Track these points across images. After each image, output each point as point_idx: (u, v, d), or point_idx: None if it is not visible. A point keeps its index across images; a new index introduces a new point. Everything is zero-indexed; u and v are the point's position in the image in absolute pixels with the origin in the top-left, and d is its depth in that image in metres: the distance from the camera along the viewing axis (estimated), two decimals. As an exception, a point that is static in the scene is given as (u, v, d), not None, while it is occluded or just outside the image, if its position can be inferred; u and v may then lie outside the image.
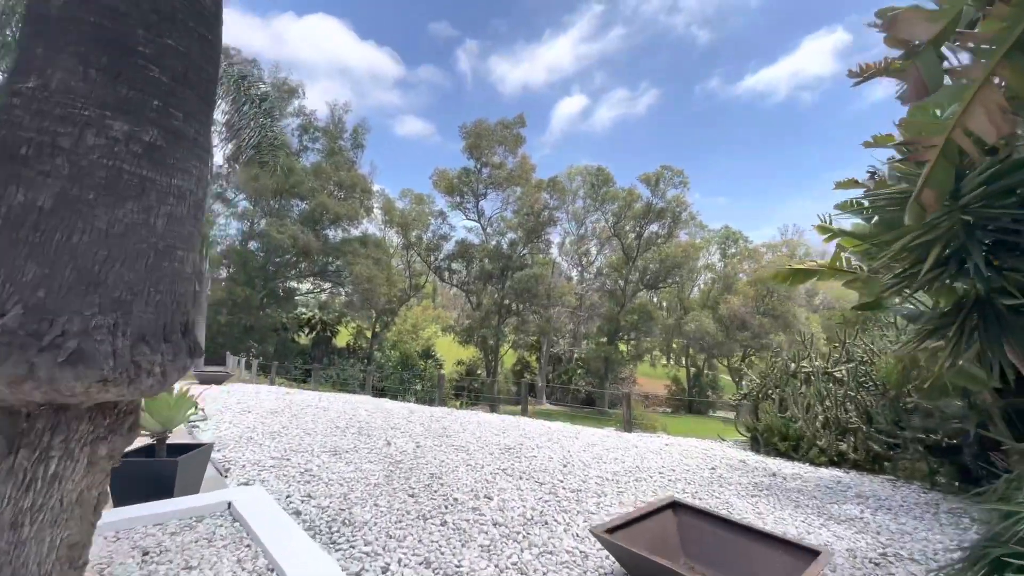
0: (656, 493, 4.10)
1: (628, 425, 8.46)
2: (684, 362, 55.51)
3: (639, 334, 45.66)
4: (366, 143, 39.97)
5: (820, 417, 6.57)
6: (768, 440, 6.98)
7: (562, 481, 4.23)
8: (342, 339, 44.06)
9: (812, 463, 6.24)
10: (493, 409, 38.67)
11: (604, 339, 45.98)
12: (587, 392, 46.80)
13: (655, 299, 53.56)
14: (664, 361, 61.27)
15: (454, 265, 46.74)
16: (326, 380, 30.85)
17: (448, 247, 45.31)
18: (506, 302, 40.47)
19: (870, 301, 5.51)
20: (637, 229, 45.02)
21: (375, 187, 40.98)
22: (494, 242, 42.18)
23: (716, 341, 46.25)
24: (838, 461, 6.24)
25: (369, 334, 45.58)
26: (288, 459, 4.79)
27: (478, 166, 43.11)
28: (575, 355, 48.82)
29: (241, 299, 28.67)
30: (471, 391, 42.15)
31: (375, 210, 41.76)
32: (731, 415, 47.94)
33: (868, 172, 5.00)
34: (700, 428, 38.23)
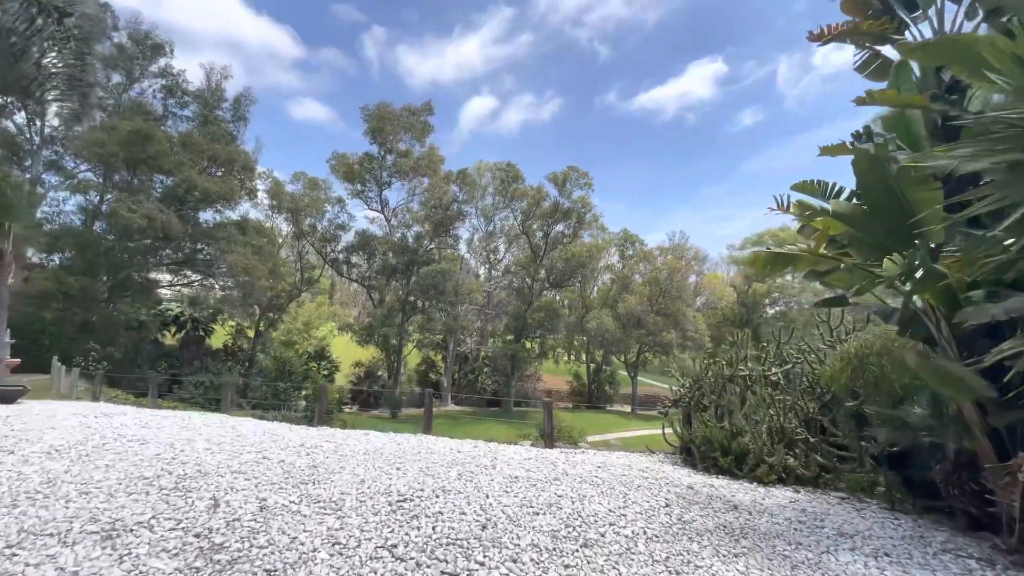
0: (617, 570, 2.81)
1: (550, 440, 7.27)
2: (584, 358, 57.05)
3: (545, 332, 45.81)
4: (250, 116, 35.19)
5: (764, 427, 5.87)
6: (706, 454, 6.16)
7: (483, 563, 2.77)
8: (219, 339, 38.58)
9: (760, 482, 5.47)
10: (394, 415, 36.17)
11: (511, 337, 45.46)
12: (493, 391, 45.96)
13: (558, 298, 54.40)
14: (566, 358, 62.63)
15: (354, 258, 43.14)
16: (196, 388, 26.29)
17: (347, 238, 41.68)
18: (411, 299, 38.10)
19: (833, 297, 4.80)
20: (544, 228, 45.12)
21: (260, 168, 36.21)
22: (399, 234, 39.56)
23: (615, 338, 47.98)
24: (784, 477, 5.55)
25: (252, 333, 40.56)
26: (14, 555, 2.78)
27: (382, 152, 40.15)
28: (482, 353, 47.79)
29: (76, 290, 23.27)
30: (370, 395, 39.07)
31: (260, 192, 36.97)
32: (626, 408, 49.95)
33: (852, 135, 4.21)
34: (603, 423, 39.09)
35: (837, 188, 4.53)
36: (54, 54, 10.50)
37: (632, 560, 2.96)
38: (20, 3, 6.17)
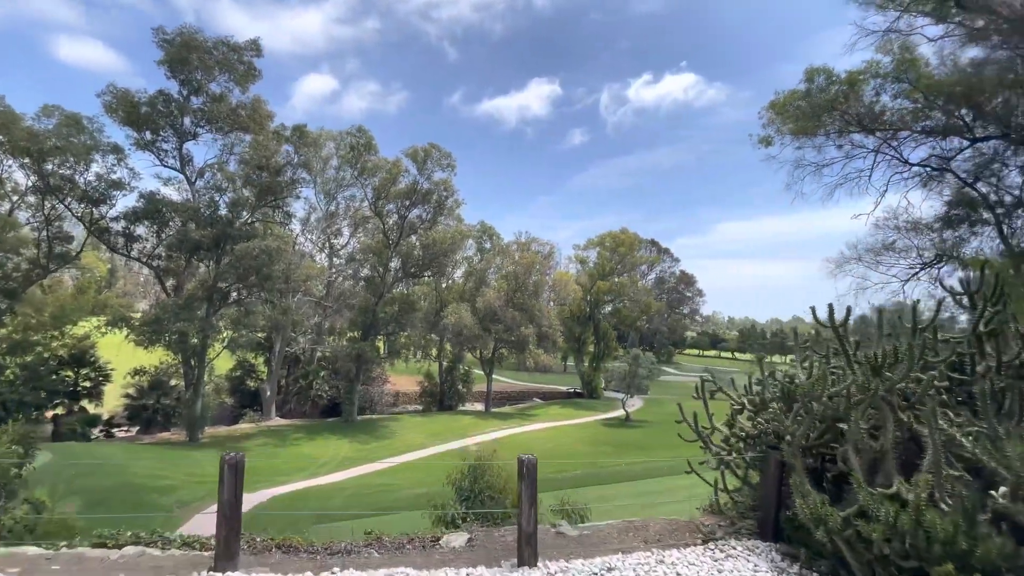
0: None
1: (532, 549, 3.26)
2: (438, 356, 53.12)
3: (398, 328, 40.50)
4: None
5: None
6: (879, 559, 2.90)
7: None
8: None
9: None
10: (192, 438, 27.39)
11: (357, 334, 39.09)
12: (331, 398, 38.93)
13: (406, 291, 49.60)
14: (417, 356, 57.98)
15: (139, 229, 32.07)
16: None
17: (128, 201, 30.71)
18: (221, 285, 29.43)
19: None
20: (400, 211, 39.78)
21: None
22: (206, 199, 30.36)
23: (473, 333, 45.12)
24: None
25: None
26: None
27: (185, 92, 30.46)
28: (318, 354, 40.37)
29: None
30: (157, 412, 29.12)
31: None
32: (479, 406, 47.20)
33: None
34: (459, 426, 35.48)
35: None
36: None
37: None
38: None
